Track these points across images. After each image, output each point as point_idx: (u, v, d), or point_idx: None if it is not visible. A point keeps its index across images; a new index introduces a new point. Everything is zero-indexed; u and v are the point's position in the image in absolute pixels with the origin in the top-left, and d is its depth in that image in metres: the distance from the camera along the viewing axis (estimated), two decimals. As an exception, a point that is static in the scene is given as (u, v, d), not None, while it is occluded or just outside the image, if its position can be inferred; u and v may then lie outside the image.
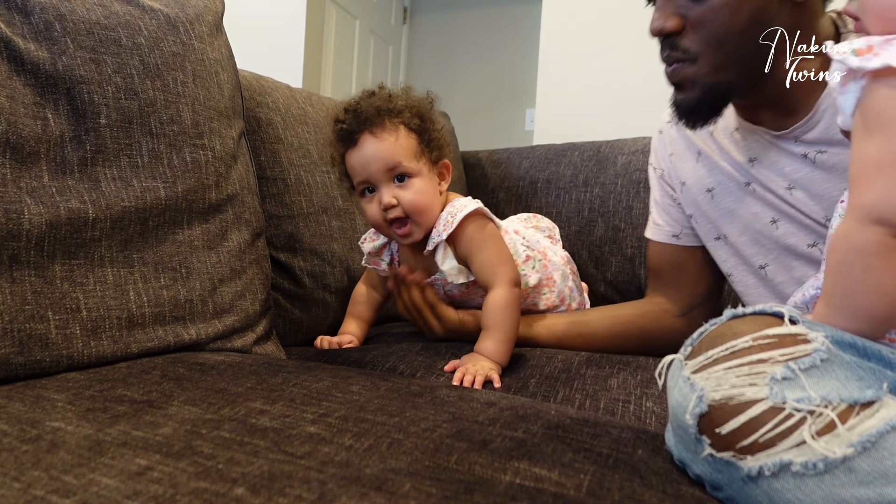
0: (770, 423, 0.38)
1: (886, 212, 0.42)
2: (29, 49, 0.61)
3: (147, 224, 0.68)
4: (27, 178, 0.58)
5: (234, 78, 0.85)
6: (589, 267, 1.32)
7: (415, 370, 0.79)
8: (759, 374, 0.40)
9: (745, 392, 0.40)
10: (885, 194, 0.42)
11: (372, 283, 0.96)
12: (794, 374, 0.39)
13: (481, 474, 0.39)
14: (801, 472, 0.37)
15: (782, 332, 0.42)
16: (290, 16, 2.82)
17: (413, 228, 0.81)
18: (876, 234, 0.42)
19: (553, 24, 2.35)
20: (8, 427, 0.42)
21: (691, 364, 0.44)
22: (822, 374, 0.40)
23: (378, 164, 0.79)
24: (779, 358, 0.40)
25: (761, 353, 0.41)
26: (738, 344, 0.42)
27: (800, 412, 0.38)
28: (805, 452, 0.37)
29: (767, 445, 0.38)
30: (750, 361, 0.41)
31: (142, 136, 0.68)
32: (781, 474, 0.38)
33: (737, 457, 0.40)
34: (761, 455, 0.38)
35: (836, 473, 0.36)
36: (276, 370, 0.61)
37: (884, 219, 0.42)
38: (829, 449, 0.36)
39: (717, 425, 0.41)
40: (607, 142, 1.42)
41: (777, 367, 0.40)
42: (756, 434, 0.39)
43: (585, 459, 0.44)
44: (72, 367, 0.59)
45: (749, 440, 0.39)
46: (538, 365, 0.81)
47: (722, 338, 0.44)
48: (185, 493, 0.34)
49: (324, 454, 0.40)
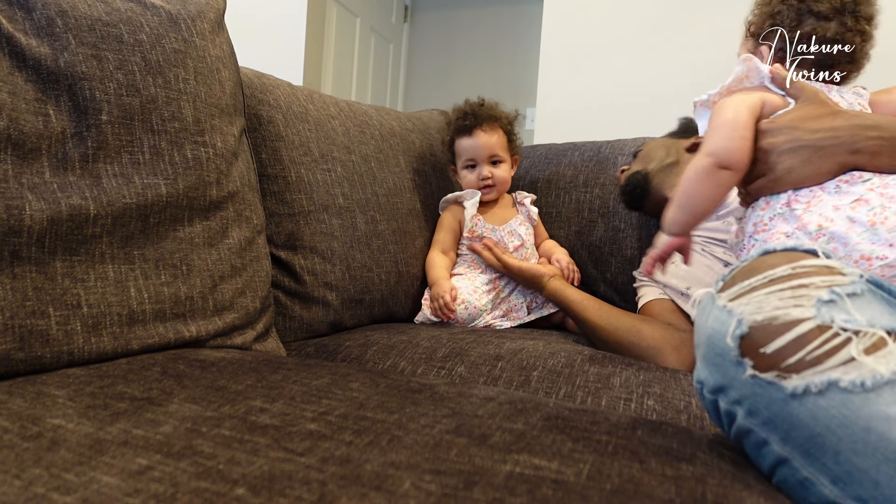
0: (817, 340, 0.39)
1: (713, 150, 0.72)
2: (31, 45, 0.61)
3: (148, 221, 0.68)
4: (29, 174, 0.58)
5: (236, 75, 0.85)
6: (589, 267, 1.32)
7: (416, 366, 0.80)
8: (804, 297, 0.41)
9: (790, 312, 0.41)
10: (713, 142, 0.73)
11: (444, 250, 1.24)
12: (839, 297, 0.41)
13: (481, 468, 0.40)
14: (849, 388, 0.37)
15: (820, 263, 0.44)
16: (292, 14, 2.82)
17: (494, 193, 1.26)
18: (707, 161, 0.72)
19: (554, 23, 2.35)
20: (9, 424, 0.42)
21: (726, 294, 0.45)
22: (862, 302, 0.41)
23: (484, 150, 1.23)
24: (821, 283, 0.42)
25: (802, 279, 0.42)
26: (776, 273, 0.44)
27: (846, 332, 0.39)
28: (852, 370, 0.38)
29: (814, 363, 0.39)
30: (791, 286, 0.42)
31: (143, 132, 0.68)
32: (828, 392, 0.38)
33: (781, 376, 0.40)
34: (808, 373, 0.39)
35: (882, 391, 0.37)
36: (275, 367, 0.61)
37: (712, 154, 0.72)
38: (877, 366, 0.37)
39: (759, 346, 0.41)
40: (608, 142, 1.42)
41: (821, 290, 0.41)
42: (802, 352, 0.39)
43: (585, 448, 0.44)
44: (72, 363, 0.59)
45: (794, 358, 0.39)
46: (541, 356, 0.81)
47: (757, 270, 0.45)
48: (186, 493, 0.34)
49: (324, 451, 0.41)
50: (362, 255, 1.06)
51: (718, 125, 0.74)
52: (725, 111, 0.74)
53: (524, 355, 0.83)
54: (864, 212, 0.62)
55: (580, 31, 2.30)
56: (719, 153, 0.72)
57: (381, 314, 1.13)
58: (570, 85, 2.31)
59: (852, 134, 0.66)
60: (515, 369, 0.78)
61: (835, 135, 0.67)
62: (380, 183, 1.14)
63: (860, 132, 0.66)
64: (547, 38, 2.36)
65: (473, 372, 0.79)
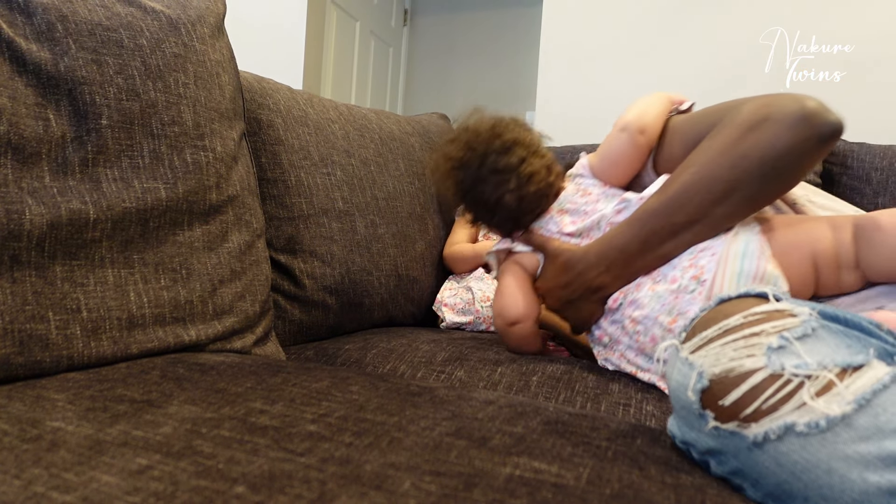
0: (770, 389, 0.40)
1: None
2: (31, 50, 0.61)
3: (148, 225, 0.68)
4: (28, 178, 0.59)
5: (236, 79, 0.85)
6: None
7: (415, 370, 0.80)
8: (755, 346, 0.42)
9: (743, 363, 0.42)
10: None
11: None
12: (788, 343, 0.41)
13: (481, 470, 0.40)
14: (805, 431, 0.38)
15: (769, 308, 0.45)
16: (291, 17, 2.83)
17: None
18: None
19: (553, 26, 2.35)
20: (8, 426, 0.42)
21: (687, 346, 0.46)
22: (813, 342, 0.42)
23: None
24: (771, 330, 0.43)
25: (753, 328, 0.43)
26: (729, 322, 0.45)
27: (798, 377, 0.40)
28: (806, 413, 0.38)
29: (770, 411, 0.40)
30: (744, 335, 0.43)
31: (143, 137, 0.68)
32: (786, 437, 0.39)
33: (741, 426, 0.41)
34: (765, 421, 0.40)
35: (838, 431, 0.37)
36: (275, 370, 0.61)
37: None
38: (829, 407, 0.38)
39: (719, 398, 0.42)
40: (607, 144, 1.42)
41: (771, 337, 0.42)
42: (758, 401, 0.40)
43: (585, 453, 0.44)
44: (72, 367, 0.59)
45: (752, 408, 0.40)
46: (541, 361, 0.81)
47: (713, 320, 0.46)
48: (186, 491, 0.34)
49: (324, 452, 0.41)
50: (362, 259, 1.07)
51: (502, 299, 0.88)
52: (504, 284, 0.88)
53: (523, 360, 0.83)
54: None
55: (579, 34, 2.30)
56: (508, 317, 0.87)
57: (381, 318, 1.13)
58: (569, 88, 2.31)
59: (582, 283, 0.80)
60: (515, 374, 0.78)
61: (572, 289, 0.81)
62: (379, 186, 1.15)
63: (588, 279, 0.80)
64: (546, 41, 2.36)
65: (473, 376, 0.79)
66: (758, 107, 0.71)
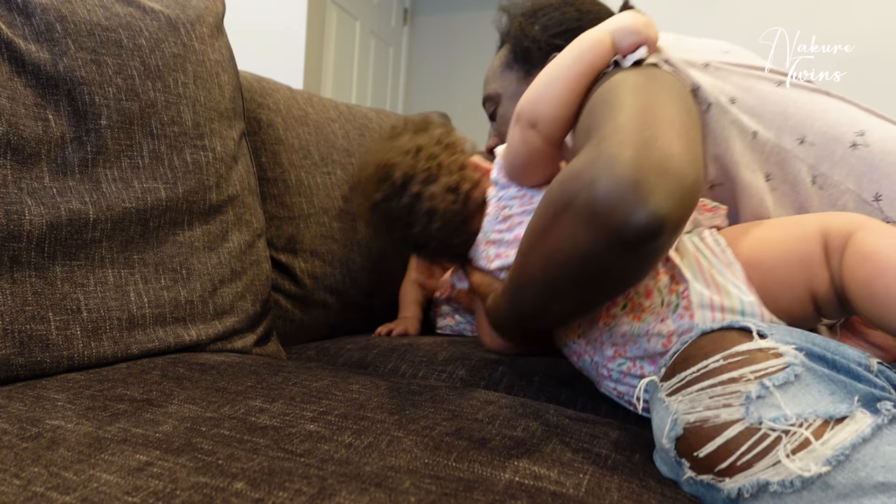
0: (746, 444, 0.38)
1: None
2: (30, 50, 0.61)
3: (148, 225, 0.68)
4: (28, 178, 0.59)
5: (235, 79, 0.85)
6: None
7: (416, 369, 0.80)
8: (734, 394, 0.40)
9: (720, 413, 0.40)
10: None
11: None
12: (768, 392, 0.39)
13: (481, 472, 0.40)
14: (780, 491, 0.37)
15: (752, 347, 0.42)
16: (291, 17, 2.83)
17: None
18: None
19: (553, 26, 2.35)
20: (8, 425, 0.42)
21: (666, 386, 0.44)
22: (796, 389, 0.39)
23: None
24: (751, 376, 0.40)
25: (732, 372, 0.41)
26: (708, 364, 0.42)
27: (775, 431, 0.38)
28: (782, 471, 0.37)
29: (745, 467, 0.38)
30: (721, 382, 0.41)
31: (142, 137, 0.68)
32: (760, 495, 0.38)
33: (716, 479, 0.39)
34: (739, 477, 0.38)
35: (814, 490, 0.36)
36: (275, 370, 0.61)
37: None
38: (805, 467, 0.36)
39: (694, 449, 0.41)
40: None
41: (751, 385, 0.40)
42: (733, 457, 0.39)
43: (585, 460, 0.44)
44: (72, 367, 0.59)
45: (726, 463, 0.39)
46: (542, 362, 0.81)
47: (693, 359, 0.44)
48: (185, 488, 0.34)
49: (323, 451, 0.41)
50: (363, 259, 1.07)
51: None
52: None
53: (525, 360, 0.83)
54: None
55: (579, 33, 2.30)
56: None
57: (383, 317, 1.13)
58: (569, 87, 2.31)
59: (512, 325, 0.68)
60: (516, 374, 0.78)
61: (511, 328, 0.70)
62: (379, 186, 1.14)
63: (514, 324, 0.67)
64: (546, 41, 2.36)
65: (474, 375, 0.79)
66: (570, 177, 0.48)
